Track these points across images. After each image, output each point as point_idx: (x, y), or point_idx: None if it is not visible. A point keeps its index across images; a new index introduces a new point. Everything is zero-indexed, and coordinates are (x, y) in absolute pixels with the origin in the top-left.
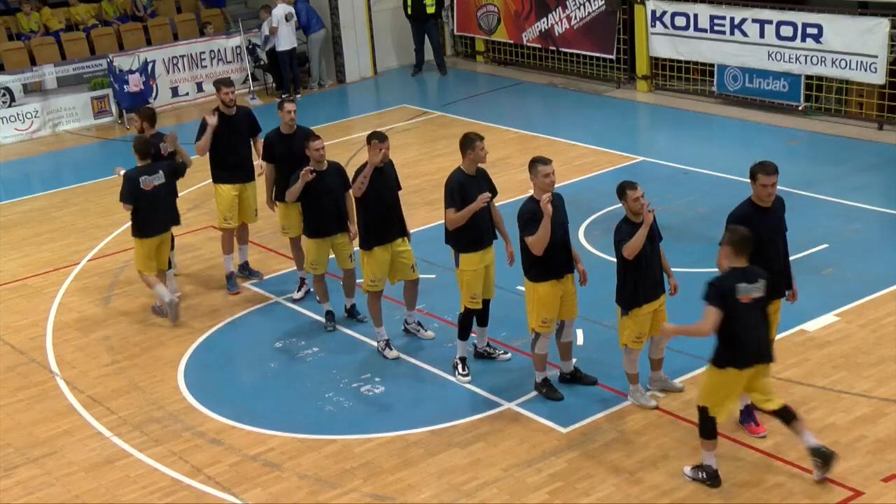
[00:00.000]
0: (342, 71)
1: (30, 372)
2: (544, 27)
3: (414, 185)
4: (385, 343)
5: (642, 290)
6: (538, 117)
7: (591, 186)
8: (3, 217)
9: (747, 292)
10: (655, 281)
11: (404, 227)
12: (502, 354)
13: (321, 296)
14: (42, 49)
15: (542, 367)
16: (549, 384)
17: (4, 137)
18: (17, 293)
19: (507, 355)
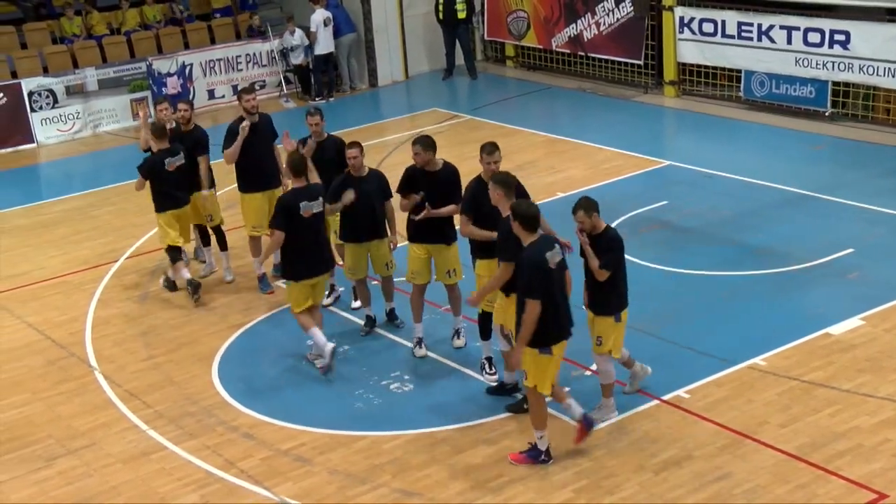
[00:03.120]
0: (374, 75)
1: (70, 366)
2: (573, 33)
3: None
4: (417, 341)
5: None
6: (566, 121)
7: (618, 190)
8: (45, 215)
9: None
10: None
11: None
12: None
13: (363, 300)
14: (84, 52)
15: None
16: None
17: (47, 138)
18: (57, 289)
19: None
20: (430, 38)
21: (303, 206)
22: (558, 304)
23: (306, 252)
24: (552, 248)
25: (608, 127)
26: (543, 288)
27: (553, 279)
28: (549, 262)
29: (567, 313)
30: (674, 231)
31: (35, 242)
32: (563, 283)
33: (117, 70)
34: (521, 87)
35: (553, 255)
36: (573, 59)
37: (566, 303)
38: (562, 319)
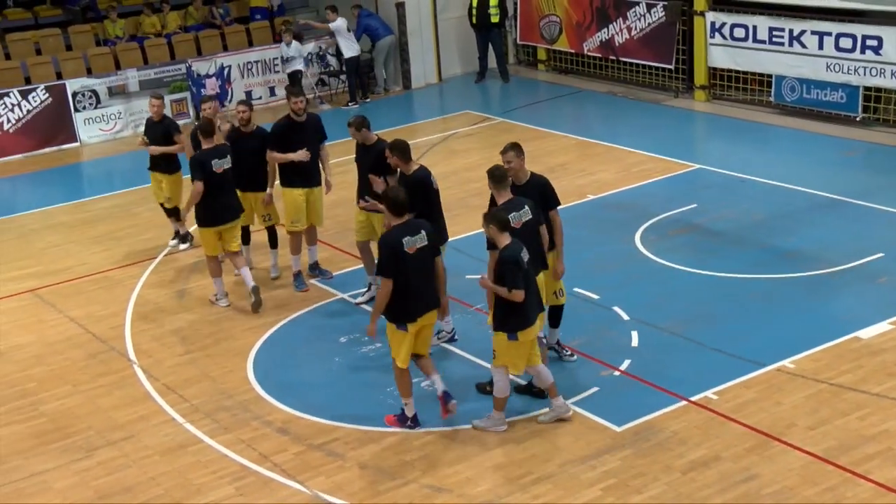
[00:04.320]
0: (408, 77)
1: (110, 359)
2: (605, 37)
3: (475, 189)
4: (446, 334)
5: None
6: (597, 124)
7: (648, 192)
8: (88, 213)
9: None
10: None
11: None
12: (568, 356)
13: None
14: (126, 54)
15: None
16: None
17: (90, 137)
18: (98, 285)
19: (574, 357)
20: (463, 42)
21: (214, 164)
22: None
23: (216, 201)
24: (522, 250)
25: (639, 130)
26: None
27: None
28: (522, 261)
29: (537, 301)
30: (703, 234)
31: (78, 238)
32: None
33: (158, 71)
34: (553, 91)
35: (525, 254)
36: (604, 63)
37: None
38: (527, 309)
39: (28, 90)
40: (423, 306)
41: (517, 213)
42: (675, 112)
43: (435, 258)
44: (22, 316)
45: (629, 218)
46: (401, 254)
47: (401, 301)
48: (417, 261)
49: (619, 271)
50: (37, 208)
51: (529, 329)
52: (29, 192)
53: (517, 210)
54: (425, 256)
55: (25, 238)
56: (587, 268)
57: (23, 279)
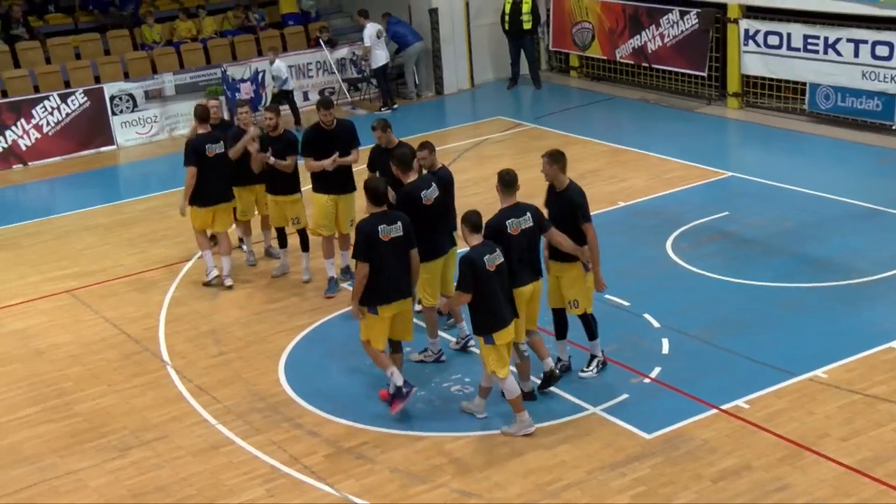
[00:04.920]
0: (441, 83)
1: (144, 360)
2: (638, 44)
3: None
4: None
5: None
6: (629, 131)
7: (680, 200)
8: (124, 215)
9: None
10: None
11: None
12: (590, 371)
13: (456, 318)
14: (163, 58)
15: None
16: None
17: (126, 140)
18: (133, 286)
19: (593, 371)
20: (495, 48)
21: (208, 148)
22: (496, 299)
23: (207, 183)
24: (492, 252)
25: (671, 137)
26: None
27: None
28: (486, 263)
29: (509, 308)
30: (735, 242)
31: (114, 240)
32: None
33: (193, 76)
34: (585, 97)
35: (493, 257)
36: (637, 70)
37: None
38: (498, 313)
39: (67, 94)
40: (395, 292)
41: (516, 220)
42: (707, 119)
43: (410, 251)
44: (59, 316)
45: (660, 225)
46: (375, 240)
47: (372, 284)
48: (391, 248)
49: (650, 278)
50: (74, 210)
51: (504, 331)
52: (67, 194)
53: (517, 217)
54: (399, 246)
55: (63, 239)
56: (618, 275)
57: (60, 280)
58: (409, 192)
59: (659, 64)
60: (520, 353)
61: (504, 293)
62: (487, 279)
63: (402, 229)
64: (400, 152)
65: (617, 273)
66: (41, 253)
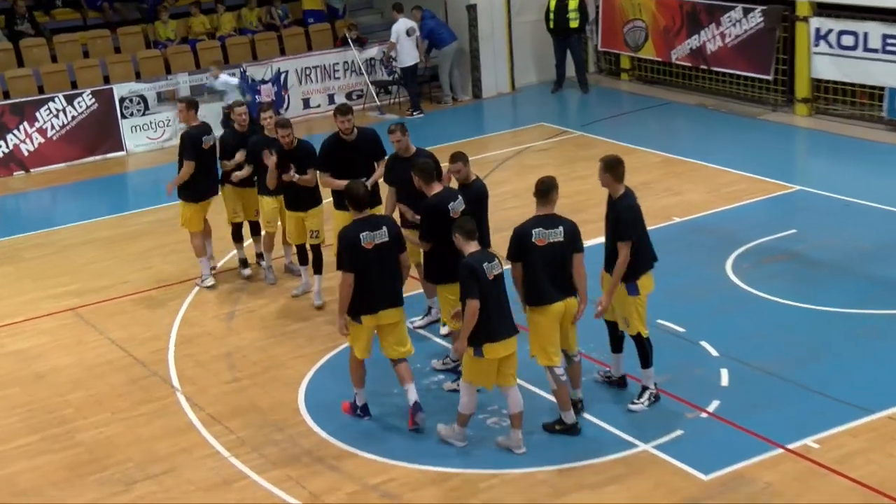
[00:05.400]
0: (478, 86)
1: (151, 386)
2: (696, 44)
3: None
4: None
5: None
6: (686, 140)
7: (741, 215)
8: (132, 227)
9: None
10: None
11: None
12: (643, 403)
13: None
14: (177, 57)
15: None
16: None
17: (136, 146)
18: (141, 305)
19: (642, 404)
20: (539, 48)
21: (204, 140)
22: (490, 310)
23: (201, 177)
24: (491, 261)
25: (732, 147)
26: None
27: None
28: (487, 272)
29: (505, 322)
30: (803, 263)
31: (120, 255)
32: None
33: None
34: (637, 103)
35: (492, 266)
36: (694, 72)
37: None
38: (491, 325)
39: (74, 95)
40: (381, 302)
41: (544, 231)
42: (772, 127)
43: (399, 256)
44: (62, 336)
45: (719, 243)
46: (357, 248)
47: (355, 295)
48: (376, 256)
49: (708, 302)
50: (78, 221)
51: (495, 346)
52: (70, 204)
53: (546, 227)
54: (385, 253)
55: (65, 253)
56: (672, 298)
57: (62, 297)
58: (434, 203)
59: (719, 66)
60: (570, 360)
61: (502, 306)
62: (486, 288)
63: (389, 234)
64: (422, 162)
65: (671, 295)
66: (42, 267)
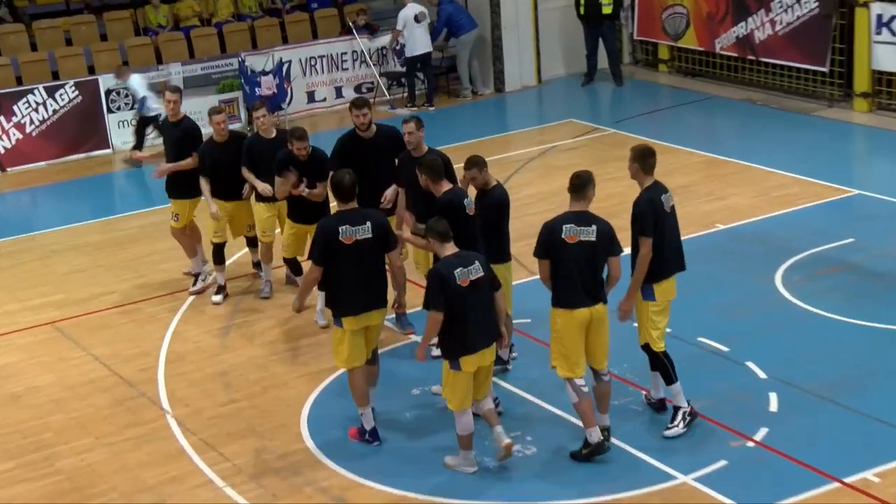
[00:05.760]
0: (501, 78)
1: (139, 407)
2: (742, 32)
3: None
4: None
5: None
6: (731, 139)
7: (793, 222)
8: (119, 232)
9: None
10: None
11: None
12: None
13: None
14: (169, 46)
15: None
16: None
17: (124, 143)
18: (129, 318)
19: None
20: (568, 37)
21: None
22: (466, 319)
23: (187, 175)
24: (467, 265)
25: (782, 146)
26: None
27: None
28: (457, 278)
29: (482, 329)
30: (862, 275)
31: (107, 262)
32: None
33: (205, 66)
34: (677, 97)
35: (467, 271)
36: (741, 64)
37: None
38: (468, 335)
39: (55, 87)
40: (362, 304)
41: (576, 228)
42: (828, 125)
43: (386, 254)
44: (41, 352)
45: (768, 253)
46: (334, 242)
47: (333, 294)
48: (355, 253)
49: (755, 318)
50: (60, 226)
51: (474, 357)
52: (52, 207)
53: (579, 224)
54: (366, 250)
55: (47, 260)
56: (715, 314)
57: (42, 309)
58: (449, 199)
59: (769, 57)
60: (598, 378)
61: (483, 313)
62: (458, 296)
63: (373, 230)
64: (429, 158)
65: (714, 311)
66: (20, 276)
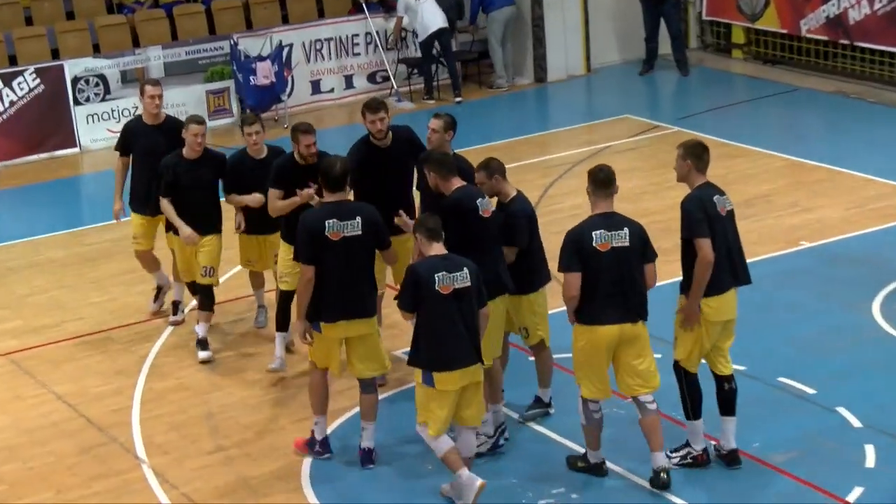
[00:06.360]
0: (542, 66)
1: (109, 456)
2: (833, 12)
3: None
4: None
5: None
6: (818, 139)
7: (894, 241)
8: (88, 246)
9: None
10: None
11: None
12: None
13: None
14: (148, 26)
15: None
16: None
17: (93, 141)
18: (98, 349)
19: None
20: (623, 17)
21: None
22: (443, 330)
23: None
24: (452, 270)
25: (881, 149)
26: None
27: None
28: (436, 282)
29: (463, 345)
30: None
31: (73, 282)
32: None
33: (190, 51)
34: (754, 89)
35: (451, 277)
36: (832, 50)
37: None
38: (443, 349)
39: (12, 74)
40: (342, 309)
41: (606, 233)
42: None
43: (380, 252)
44: None
45: (863, 277)
46: (319, 237)
47: (314, 295)
48: (342, 251)
49: (848, 355)
50: (18, 238)
51: (449, 375)
52: (8, 216)
53: (609, 229)
54: (354, 248)
55: (1, 280)
56: (799, 349)
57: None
58: (458, 198)
59: (865, 41)
60: (642, 408)
61: (464, 326)
62: (435, 303)
63: (362, 226)
64: (438, 154)
65: (798, 346)
66: None
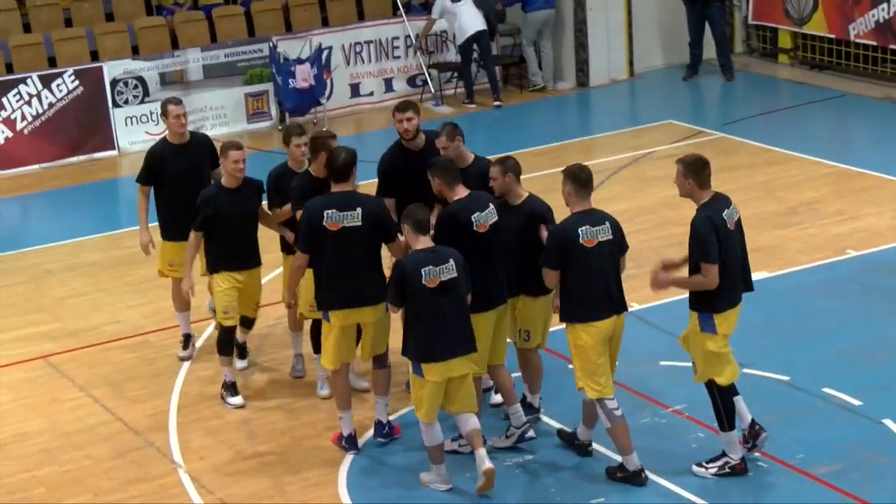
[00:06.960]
0: (584, 70)
1: (146, 460)
2: (884, 16)
3: (676, 236)
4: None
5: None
6: (866, 146)
7: None
8: (126, 249)
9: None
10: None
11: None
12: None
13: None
14: (187, 28)
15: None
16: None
17: (132, 143)
18: (135, 352)
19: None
20: (668, 20)
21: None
22: (431, 322)
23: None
24: (438, 263)
25: None
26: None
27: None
28: (423, 277)
29: (450, 336)
30: None
31: (110, 286)
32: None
33: (230, 53)
34: (801, 94)
35: (438, 270)
36: (881, 55)
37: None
38: (431, 340)
39: (52, 76)
40: (347, 297)
41: (591, 228)
42: None
43: (385, 243)
44: (30, 392)
45: None
46: (318, 227)
47: (317, 285)
48: (340, 241)
49: (894, 366)
50: (56, 241)
51: (437, 366)
52: (47, 219)
53: (592, 224)
54: (353, 239)
55: (40, 282)
56: (844, 359)
57: (34, 340)
58: (454, 211)
59: None
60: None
61: (453, 319)
62: (422, 297)
63: (363, 218)
64: (443, 159)
65: (843, 357)
66: (8, 301)
